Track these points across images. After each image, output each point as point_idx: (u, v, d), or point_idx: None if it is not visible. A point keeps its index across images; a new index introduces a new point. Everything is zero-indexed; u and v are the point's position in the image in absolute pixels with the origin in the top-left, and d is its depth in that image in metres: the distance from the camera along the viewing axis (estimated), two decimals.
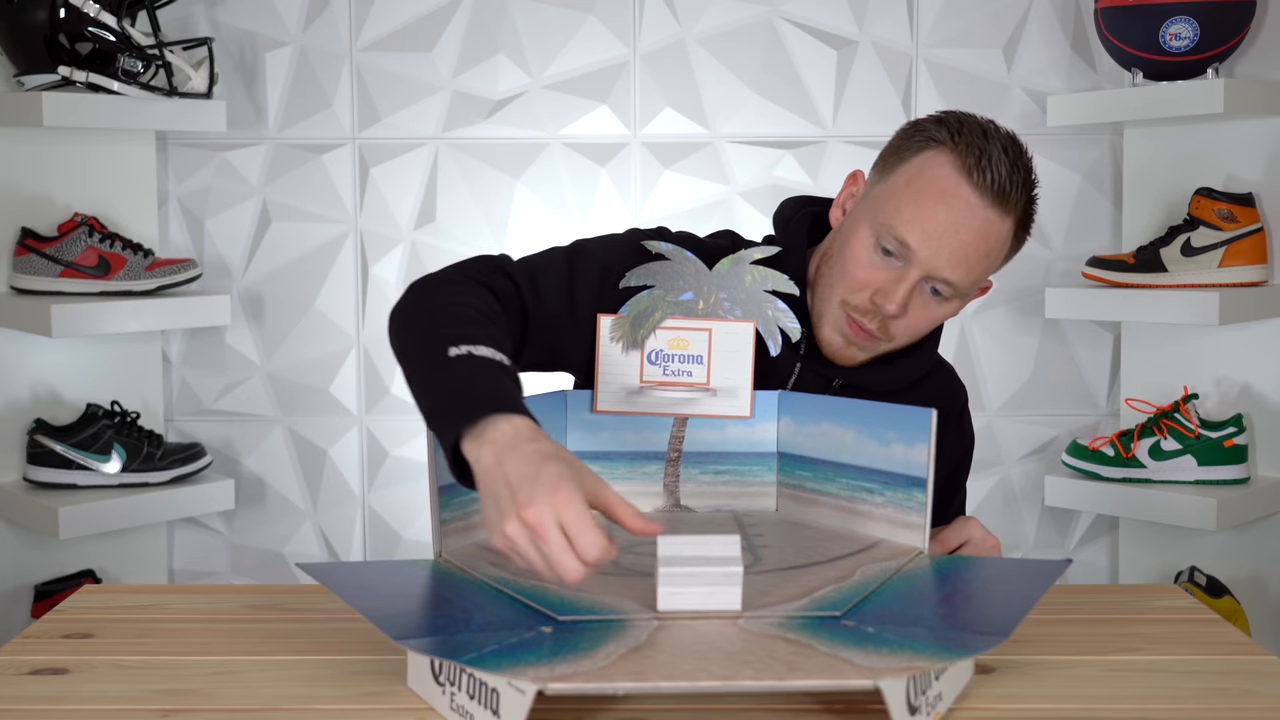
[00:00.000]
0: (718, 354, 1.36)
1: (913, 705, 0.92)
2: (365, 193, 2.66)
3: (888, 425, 1.27)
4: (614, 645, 0.97)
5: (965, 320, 2.65)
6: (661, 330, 1.35)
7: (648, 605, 1.06)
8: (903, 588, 1.12)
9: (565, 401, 1.35)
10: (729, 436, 1.39)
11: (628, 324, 1.36)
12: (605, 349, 1.35)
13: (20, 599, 2.49)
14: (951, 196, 1.35)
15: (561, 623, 1.02)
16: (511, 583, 1.11)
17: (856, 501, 1.30)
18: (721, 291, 1.39)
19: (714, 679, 0.91)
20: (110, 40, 2.33)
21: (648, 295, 1.37)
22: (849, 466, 1.31)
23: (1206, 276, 2.34)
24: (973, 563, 1.23)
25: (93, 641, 1.17)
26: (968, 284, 1.40)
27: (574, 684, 0.89)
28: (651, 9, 2.63)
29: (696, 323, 1.36)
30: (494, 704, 0.92)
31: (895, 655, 0.94)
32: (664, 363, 1.36)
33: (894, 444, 1.26)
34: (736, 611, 1.04)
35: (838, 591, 1.10)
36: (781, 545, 1.26)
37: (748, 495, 1.39)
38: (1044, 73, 2.61)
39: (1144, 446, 2.41)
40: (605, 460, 1.36)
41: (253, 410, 2.70)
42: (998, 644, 0.98)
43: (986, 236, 1.37)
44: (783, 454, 1.39)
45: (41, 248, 2.39)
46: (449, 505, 1.20)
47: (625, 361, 1.35)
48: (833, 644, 0.97)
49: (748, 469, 1.39)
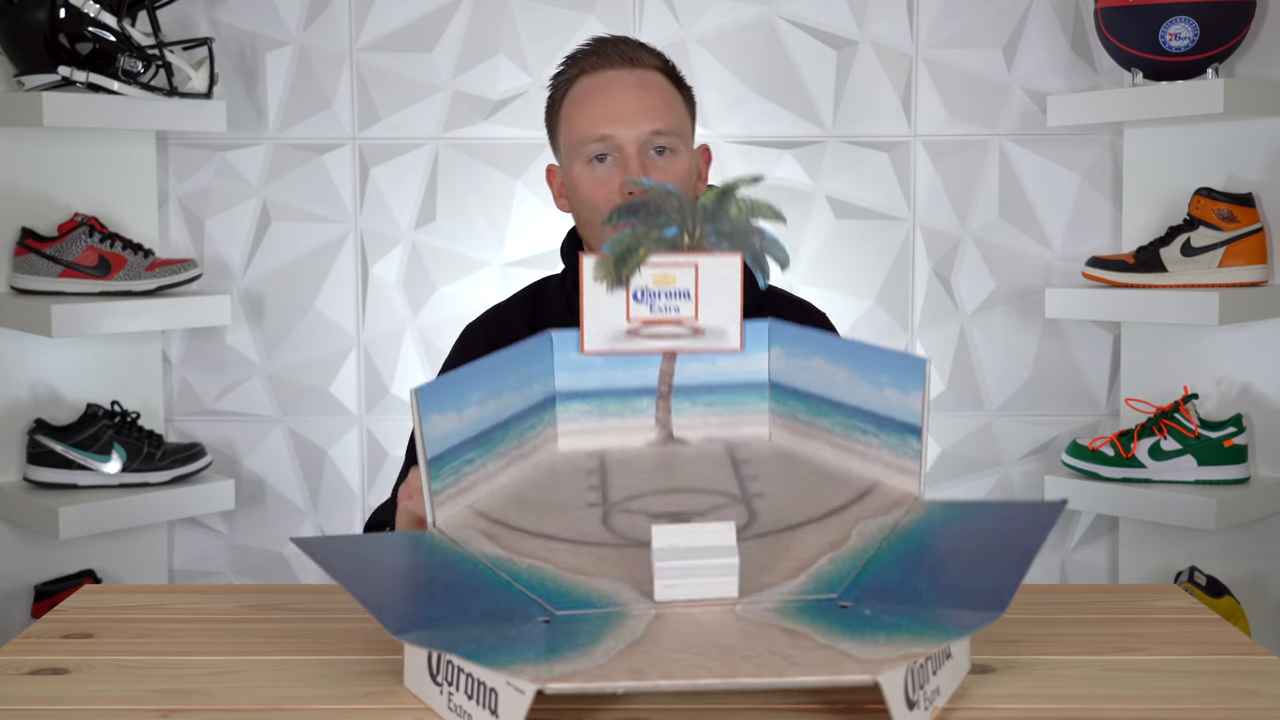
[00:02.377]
0: (705, 288, 1.32)
1: (911, 700, 0.92)
2: (365, 193, 2.66)
3: (880, 368, 1.24)
4: (612, 640, 0.96)
5: (965, 320, 2.65)
6: (646, 267, 1.31)
7: (644, 591, 1.05)
8: (899, 549, 1.10)
9: (551, 343, 1.33)
10: (720, 369, 1.36)
11: (611, 262, 1.31)
12: (589, 289, 1.31)
13: (20, 599, 2.49)
14: (601, 88, 1.63)
15: (559, 615, 1.01)
16: (507, 564, 1.10)
17: (851, 440, 1.27)
18: (707, 224, 1.35)
19: (713, 676, 0.90)
20: (110, 40, 2.34)
21: (630, 233, 1.33)
22: (842, 405, 1.28)
23: (1206, 276, 2.34)
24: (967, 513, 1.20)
25: (93, 641, 1.17)
26: (672, 124, 1.63)
27: (573, 683, 0.89)
28: (651, 9, 2.63)
29: (682, 258, 1.32)
30: (492, 704, 0.92)
31: (892, 642, 0.94)
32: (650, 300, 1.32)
33: (887, 388, 1.23)
34: (734, 599, 1.04)
35: (834, 564, 1.09)
36: (776, 493, 1.23)
37: (741, 424, 1.36)
38: (1044, 73, 2.61)
39: (1144, 446, 2.41)
40: (595, 399, 1.33)
41: (253, 410, 2.70)
42: (994, 620, 0.98)
43: (648, 86, 1.64)
44: (774, 383, 1.36)
45: (42, 248, 2.39)
46: (440, 474, 1.17)
47: (610, 300, 1.31)
48: (830, 633, 0.97)
49: (739, 398, 1.36)
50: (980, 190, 2.64)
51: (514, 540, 1.14)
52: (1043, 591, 1.32)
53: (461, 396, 1.21)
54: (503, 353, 1.25)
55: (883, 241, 2.65)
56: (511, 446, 1.28)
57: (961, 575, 1.08)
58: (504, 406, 1.27)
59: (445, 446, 1.18)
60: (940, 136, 2.63)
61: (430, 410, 1.16)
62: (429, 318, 2.67)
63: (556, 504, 1.22)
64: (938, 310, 2.66)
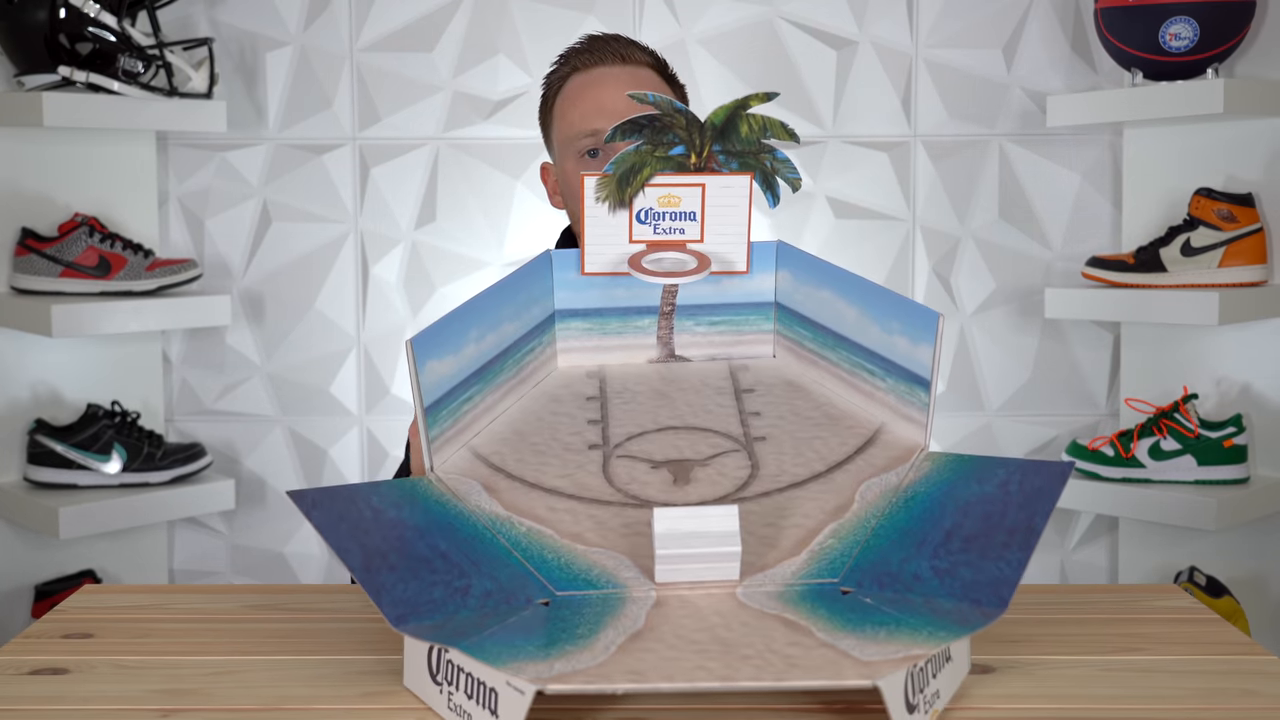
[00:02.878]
0: (712, 210, 1.28)
1: (910, 704, 0.92)
2: (365, 193, 2.66)
3: (891, 314, 1.21)
4: (612, 632, 0.96)
5: (965, 320, 2.65)
6: (650, 187, 1.27)
7: (644, 567, 1.04)
8: (902, 522, 1.09)
9: (550, 262, 1.29)
10: (725, 289, 1.32)
11: (614, 182, 1.26)
12: (591, 209, 1.27)
13: (20, 599, 2.49)
14: (593, 84, 1.67)
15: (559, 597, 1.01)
16: (506, 527, 1.08)
17: (857, 378, 1.24)
18: (715, 144, 1.29)
19: (713, 678, 0.90)
20: (110, 40, 2.34)
21: (634, 151, 1.27)
22: (850, 342, 1.24)
23: (1206, 276, 2.34)
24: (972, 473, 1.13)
25: (93, 641, 1.17)
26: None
27: (573, 684, 0.89)
28: (651, 9, 2.63)
29: (688, 178, 1.27)
30: (492, 704, 0.92)
31: (893, 640, 0.94)
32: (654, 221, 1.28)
33: (897, 335, 1.20)
34: (735, 581, 1.03)
35: (836, 538, 1.08)
36: (780, 437, 1.20)
37: (744, 343, 1.32)
38: (1044, 73, 2.61)
39: (1144, 446, 2.41)
40: (597, 317, 1.30)
41: (253, 410, 2.70)
42: (995, 618, 0.98)
43: (640, 83, 1.67)
44: (781, 305, 1.32)
45: (42, 248, 2.39)
46: (437, 420, 1.14)
47: (612, 221, 1.27)
48: (831, 628, 0.96)
49: (744, 318, 1.33)
50: (980, 190, 2.64)
51: (514, 496, 1.12)
52: (1043, 591, 1.32)
53: (459, 336, 1.17)
54: (501, 281, 1.22)
55: (883, 241, 2.65)
56: (510, 375, 1.24)
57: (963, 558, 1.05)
58: (503, 337, 1.23)
59: (443, 391, 1.15)
60: (940, 136, 2.63)
61: (427, 358, 1.12)
62: (429, 318, 2.67)
63: (556, 444, 1.18)
64: (938, 310, 2.65)
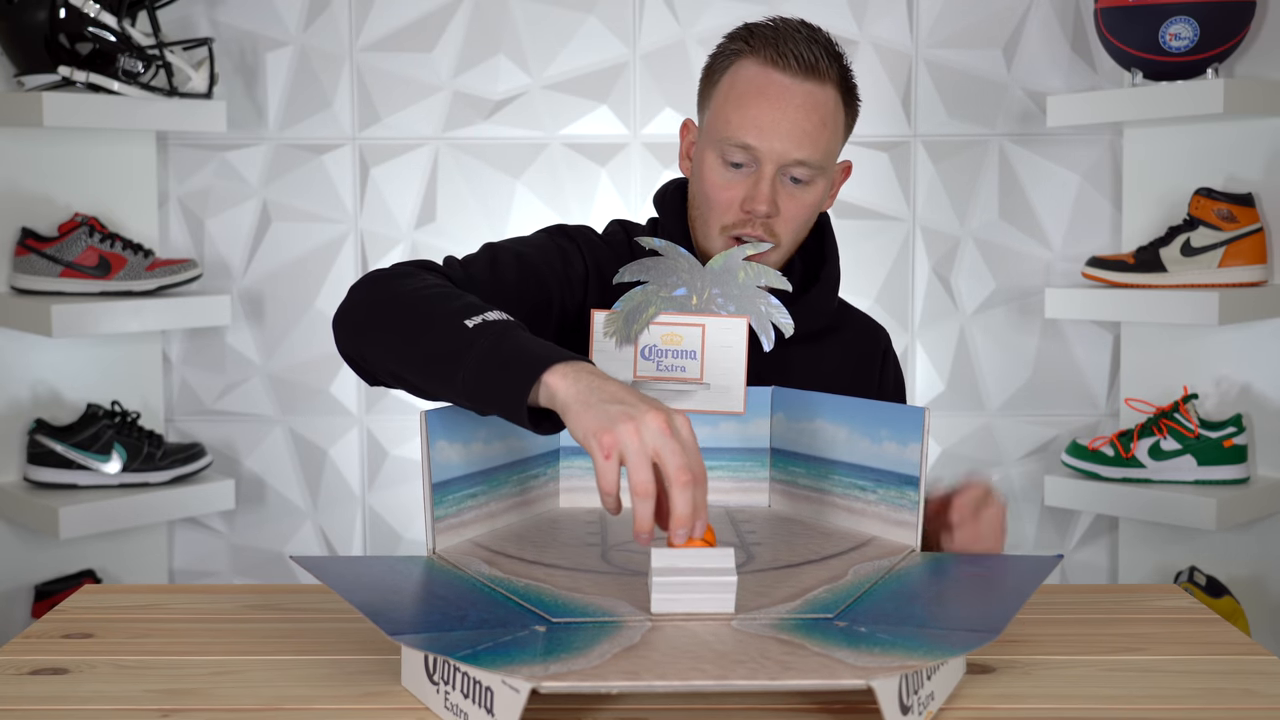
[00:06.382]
0: (711, 350, 1.37)
1: (905, 705, 0.93)
2: (365, 193, 2.67)
3: (880, 423, 1.28)
4: (608, 645, 0.97)
5: (965, 320, 2.65)
6: (655, 325, 1.36)
7: (641, 607, 1.05)
8: (895, 586, 1.12)
9: None
10: (722, 432, 1.40)
11: (621, 319, 1.36)
12: (599, 344, 1.36)
13: (20, 599, 2.49)
14: (766, 86, 1.45)
15: (555, 623, 1.02)
16: (505, 582, 1.11)
17: (850, 499, 1.31)
18: (714, 287, 1.40)
19: (708, 678, 0.91)
20: (110, 40, 2.34)
21: (641, 291, 1.38)
22: (842, 464, 1.32)
23: (1206, 276, 2.34)
24: (964, 561, 1.24)
25: (93, 641, 1.17)
26: (819, 158, 1.46)
27: (568, 683, 0.89)
28: (651, 9, 2.63)
29: (690, 318, 1.36)
30: (488, 703, 0.92)
31: (887, 655, 0.95)
32: (657, 358, 1.36)
33: (886, 441, 1.27)
34: (730, 614, 1.04)
35: (830, 592, 1.10)
36: (775, 542, 1.26)
37: (740, 491, 1.40)
38: (1043, 73, 2.61)
39: (1144, 446, 2.41)
40: None
41: (253, 410, 2.70)
42: (989, 641, 0.99)
43: (814, 108, 1.45)
44: (775, 450, 1.40)
45: (42, 248, 2.39)
46: (443, 502, 1.20)
47: (619, 356, 1.36)
48: (825, 644, 0.97)
49: (740, 464, 1.40)
50: (980, 190, 2.64)
51: (513, 566, 1.16)
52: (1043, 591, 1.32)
53: (469, 432, 1.23)
54: None
55: (883, 241, 2.65)
56: (514, 491, 1.30)
57: (957, 607, 1.11)
58: (510, 450, 1.29)
59: (450, 475, 1.20)
60: (940, 136, 2.63)
61: (438, 436, 1.18)
62: None
63: (556, 542, 1.24)
64: (938, 310, 2.66)
